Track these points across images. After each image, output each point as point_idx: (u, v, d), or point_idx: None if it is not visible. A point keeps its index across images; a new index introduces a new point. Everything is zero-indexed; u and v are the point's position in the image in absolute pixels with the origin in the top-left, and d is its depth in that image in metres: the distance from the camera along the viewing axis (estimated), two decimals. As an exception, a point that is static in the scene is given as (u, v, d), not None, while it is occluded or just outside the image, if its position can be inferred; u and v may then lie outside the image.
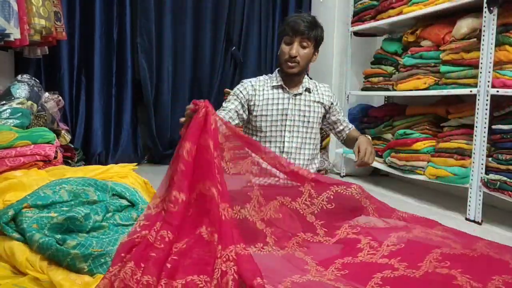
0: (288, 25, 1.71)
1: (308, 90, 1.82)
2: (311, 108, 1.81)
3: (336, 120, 1.91)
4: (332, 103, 1.87)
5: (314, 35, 1.72)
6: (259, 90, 1.81)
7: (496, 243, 1.43)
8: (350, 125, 1.96)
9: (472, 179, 2.04)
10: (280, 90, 1.81)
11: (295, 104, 1.80)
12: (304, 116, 1.80)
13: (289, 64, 1.72)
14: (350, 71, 3.12)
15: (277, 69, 1.86)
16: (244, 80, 1.85)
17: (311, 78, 1.92)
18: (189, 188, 1.22)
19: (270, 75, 1.88)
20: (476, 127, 2.01)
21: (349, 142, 1.93)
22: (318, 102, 1.83)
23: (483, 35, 1.97)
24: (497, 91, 1.91)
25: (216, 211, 1.16)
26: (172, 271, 1.05)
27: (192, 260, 1.09)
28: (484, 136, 1.98)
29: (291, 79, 1.80)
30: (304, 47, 1.72)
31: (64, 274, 1.04)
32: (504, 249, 1.37)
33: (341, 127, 1.94)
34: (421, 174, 2.34)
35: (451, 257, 1.26)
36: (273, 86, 1.81)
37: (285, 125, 1.78)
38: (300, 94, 1.81)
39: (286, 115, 1.78)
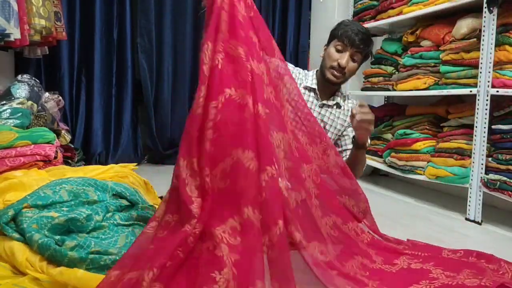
0: (346, 33, 1.61)
1: (337, 105, 1.74)
2: (333, 124, 1.74)
3: (346, 135, 1.77)
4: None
5: (366, 51, 1.65)
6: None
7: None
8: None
9: (472, 179, 2.04)
10: (312, 94, 1.73)
11: (319, 113, 1.72)
12: (324, 128, 1.72)
13: (335, 72, 1.64)
14: (350, 71, 3.12)
15: (315, 70, 1.76)
16: (290, 64, 1.72)
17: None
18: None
19: (306, 72, 1.78)
20: (476, 127, 2.01)
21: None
22: (342, 119, 1.75)
23: (483, 35, 1.97)
24: (497, 91, 1.91)
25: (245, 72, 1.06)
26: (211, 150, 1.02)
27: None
28: (484, 136, 1.99)
29: (326, 87, 1.71)
30: (354, 61, 1.64)
31: (64, 268, 1.04)
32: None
33: (345, 147, 1.76)
34: (421, 174, 2.34)
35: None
36: (305, 86, 1.73)
37: None
38: (328, 106, 1.74)
39: None
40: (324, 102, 1.73)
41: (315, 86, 1.71)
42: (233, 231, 1.00)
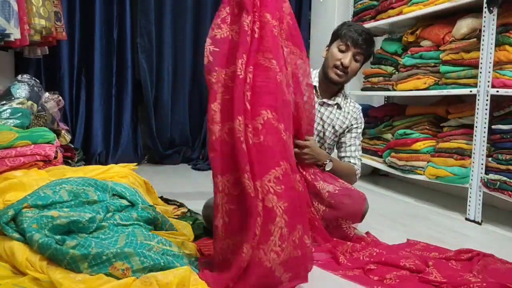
0: (349, 33, 1.63)
1: (338, 106, 1.75)
2: (332, 123, 1.74)
3: (342, 143, 1.78)
4: (352, 125, 1.77)
5: (369, 52, 1.67)
6: None
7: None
8: (353, 161, 1.75)
9: (472, 179, 2.04)
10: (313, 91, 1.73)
11: (318, 111, 1.72)
12: (323, 127, 1.73)
13: (338, 71, 1.65)
14: (350, 71, 3.12)
15: (318, 69, 1.77)
16: None
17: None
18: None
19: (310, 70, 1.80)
20: (476, 127, 2.01)
21: None
22: (342, 121, 1.75)
23: (483, 35, 1.97)
24: (497, 91, 1.91)
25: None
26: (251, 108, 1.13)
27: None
28: (484, 136, 1.98)
29: (328, 86, 1.73)
30: (356, 61, 1.66)
31: (63, 273, 1.04)
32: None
33: (342, 154, 1.78)
34: (421, 174, 2.34)
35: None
36: (306, 83, 1.72)
37: None
38: (328, 105, 1.74)
39: None
40: (325, 100, 1.73)
41: (316, 84, 1.71)
42: (277, 180, 1.11)
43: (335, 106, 1.75)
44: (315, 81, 1.73)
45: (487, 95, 1.96)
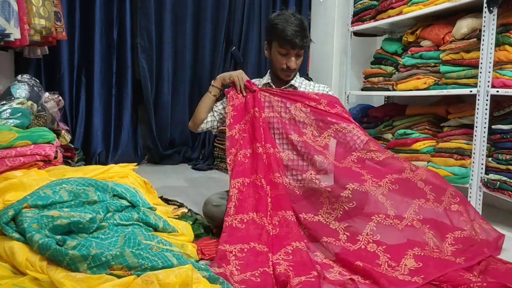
0: (285, 37, 1.68)
1: (293, 86, 1.84)
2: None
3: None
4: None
5: (307, 42, 1.76)
6: None
7: None
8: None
9: (472, 179, 2.04)
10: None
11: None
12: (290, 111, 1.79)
13: (287, 73, 1.78)
14: (350, 71, 3.12)
15: (269, 71, 1.89)
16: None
17: (310, 79, 1.90)
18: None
19: (260, 79, 1.92)
20: (476, 127, 2.01)
21: None
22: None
23: (483, 35, 1.97)
24: (497, 91, 1.91)
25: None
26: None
27: None
28: (484, 136, 1.99)
29: (281, 82, 1.84)
30: (299, 56, 1.77)
31: (64, 272, 1.04)
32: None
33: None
34: (421, 174, 2.33)
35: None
36: (263, 84, 1.86)
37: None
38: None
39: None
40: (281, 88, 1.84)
41: (269, 81, 1.85)
42: None
43: (291, 89, 1.84)
44: (268, 79, 1.85)
45: (487, 95, 1.96)
